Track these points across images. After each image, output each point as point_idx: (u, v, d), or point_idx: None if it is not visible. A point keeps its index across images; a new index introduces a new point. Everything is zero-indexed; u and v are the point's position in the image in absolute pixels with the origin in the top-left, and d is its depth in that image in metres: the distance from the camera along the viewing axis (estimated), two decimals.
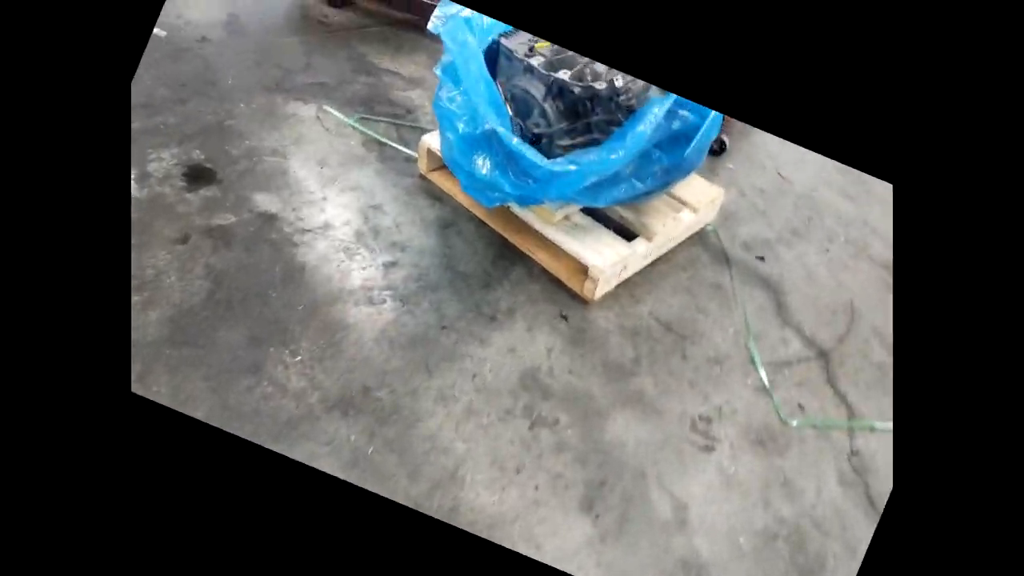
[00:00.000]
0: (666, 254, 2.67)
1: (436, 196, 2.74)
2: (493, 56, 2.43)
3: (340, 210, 2.60)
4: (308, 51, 3.34)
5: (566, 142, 2.34)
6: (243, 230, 2.46)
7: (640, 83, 2.27)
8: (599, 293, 2.42)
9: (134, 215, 2.44)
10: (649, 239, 2.52)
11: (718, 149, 3.14)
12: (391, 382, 2.07)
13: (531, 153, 2.13)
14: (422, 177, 2.81)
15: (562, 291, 2.47)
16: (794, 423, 2.22)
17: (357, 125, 2.96)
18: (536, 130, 2.34)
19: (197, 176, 2.63)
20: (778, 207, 3.06)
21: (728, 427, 2.17)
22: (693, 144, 2.30)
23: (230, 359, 2.06)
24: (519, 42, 2.41)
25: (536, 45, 2.38)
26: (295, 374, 2.04)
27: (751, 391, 2.29)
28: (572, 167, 2.10)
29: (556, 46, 2.36)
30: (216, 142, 2.75)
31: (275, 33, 3.43)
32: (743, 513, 1.96)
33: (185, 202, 2.53)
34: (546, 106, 2.30)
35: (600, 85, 2.21)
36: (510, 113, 2.40)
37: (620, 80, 2.22)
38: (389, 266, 2.44)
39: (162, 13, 3.43)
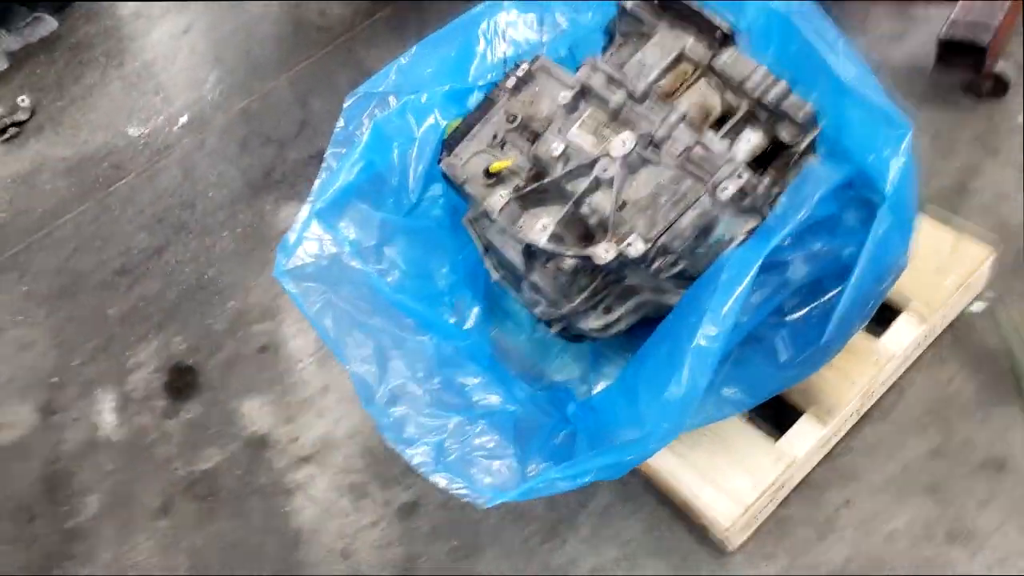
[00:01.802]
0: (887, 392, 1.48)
1: None
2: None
3: (344, 408, 1.87)
4: (302, 93, 2.47)
5: (597, 323, 1.28)
6: (229, 476, 1.89)
7: (687, 220, 1.09)
8: (736, 542, 1.42)
9: (112, 475, 2.03)
10: (823, 420, 1.38)
11: (988, 91, 1.63)
12: None
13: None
14: None
15: (679, 523, 1.50)
16: None
17: None
18: (536, 309, 1.31)
19: (179, 385, 2.09)
20: None
21: None
22: (845, 301, 1.08)
23: None
24: (469, 158, 1.32)
25: (492, 165, 1.27)
26: None
27: None
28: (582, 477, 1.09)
29: (529, 156, 1.24)
30: (197, 317, 2.16)
31: (264, 71, 2.60)
32: None
33: (166, 438, 2.02)
34: (534, 279, 1.25)
35: (606, 253, 1.10)
36: (503, 287, 1.37)
37: (640, 242, 1.08)
38: (406, 514, 1.70)
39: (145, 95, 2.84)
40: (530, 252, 1.22)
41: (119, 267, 2.34)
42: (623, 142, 1.11)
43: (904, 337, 1.39)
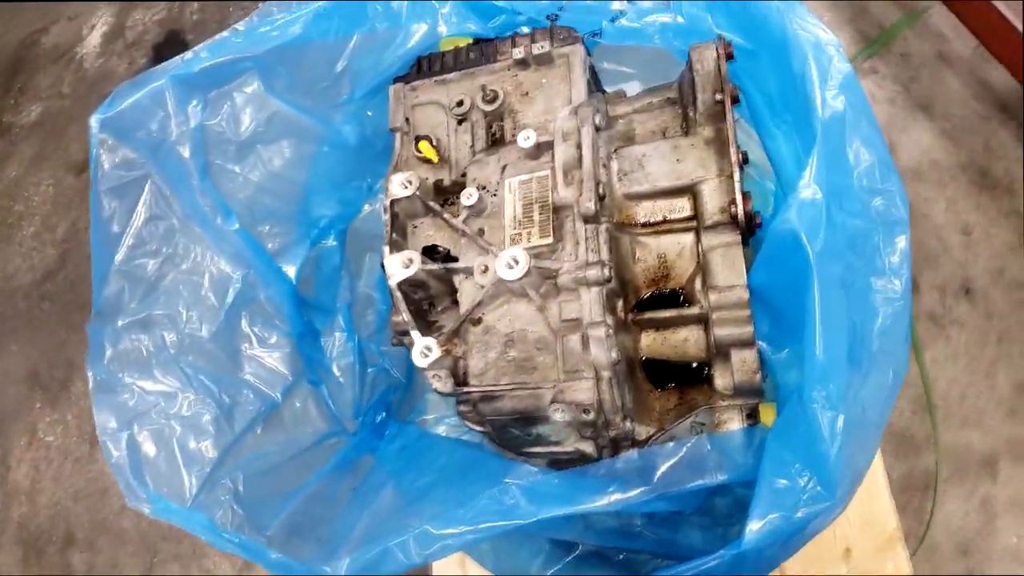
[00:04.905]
0: None
1: None
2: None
3: None
4: None
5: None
6: None
7: (510, 402, 0.86)
8: None
9: (64, 100, 2.00)
10: None
11: None
12: None
13: None
14: None
15: None
16: None
17: None
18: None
19: (165, 53, 2.01)
20: None
21: None
22: None
23: None
24: (421, 102, 1.05)
25: (421, 143, 1.00)
26: None
27: None
28: None
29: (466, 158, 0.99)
30: None
31: None
32: None
33: None
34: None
35: (417, 358, 0.89)
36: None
37: (449, 383, 0.87)
38: None
39: None
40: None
41: None
42: (512, 262, 0.86)
43: None
